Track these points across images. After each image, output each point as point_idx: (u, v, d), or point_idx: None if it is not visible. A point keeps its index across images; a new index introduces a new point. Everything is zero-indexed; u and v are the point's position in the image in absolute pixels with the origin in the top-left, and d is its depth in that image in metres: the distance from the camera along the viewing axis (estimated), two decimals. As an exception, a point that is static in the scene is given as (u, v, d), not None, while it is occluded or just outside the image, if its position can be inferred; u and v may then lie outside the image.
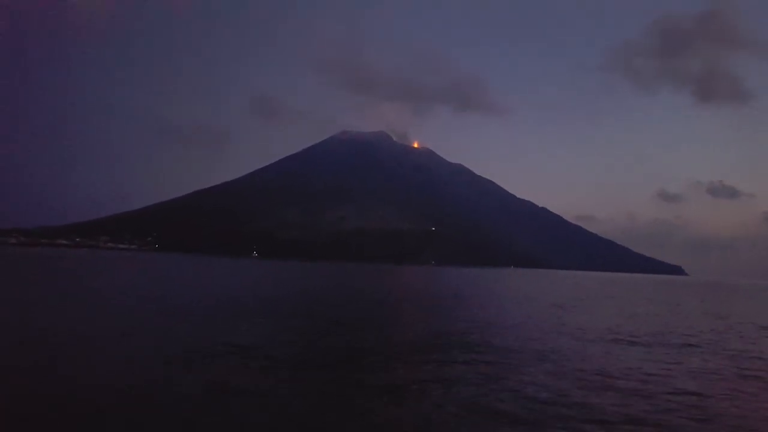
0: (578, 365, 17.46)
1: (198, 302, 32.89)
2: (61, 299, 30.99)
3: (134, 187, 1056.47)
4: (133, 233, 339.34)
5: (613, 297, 64.29)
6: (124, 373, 13.83)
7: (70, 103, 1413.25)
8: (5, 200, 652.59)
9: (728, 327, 33.06)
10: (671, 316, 39.62)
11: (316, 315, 29.60)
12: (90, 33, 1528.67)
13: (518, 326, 27.60)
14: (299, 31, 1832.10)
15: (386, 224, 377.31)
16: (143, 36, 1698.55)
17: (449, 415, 11.47)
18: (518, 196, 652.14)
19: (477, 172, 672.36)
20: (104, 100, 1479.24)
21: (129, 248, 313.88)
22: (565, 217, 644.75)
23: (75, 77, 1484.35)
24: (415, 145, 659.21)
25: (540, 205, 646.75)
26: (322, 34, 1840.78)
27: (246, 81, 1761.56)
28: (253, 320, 25.45)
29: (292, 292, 47.05)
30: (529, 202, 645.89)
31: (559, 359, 18.50)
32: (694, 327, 31.69)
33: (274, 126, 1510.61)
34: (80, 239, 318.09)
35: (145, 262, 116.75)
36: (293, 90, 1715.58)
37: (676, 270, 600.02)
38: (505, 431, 10.76)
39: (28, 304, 27.17)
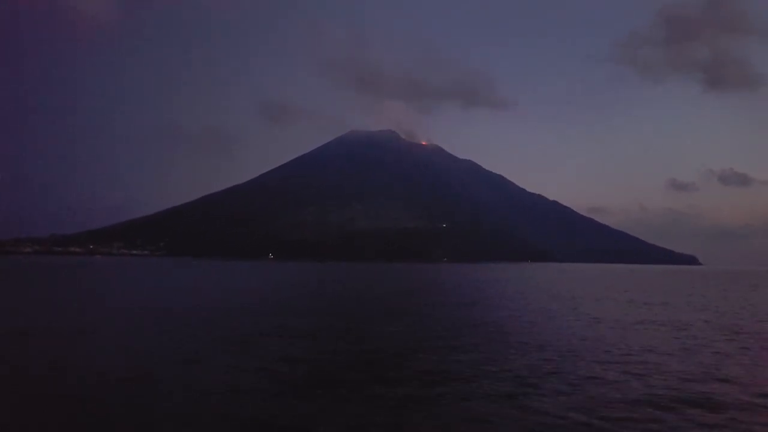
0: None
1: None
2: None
3: (145, 192, 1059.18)
4: (145, 239, 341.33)
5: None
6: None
7: (80, 111, 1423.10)
8: (19, 210, 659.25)
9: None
10: None
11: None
12: (96, 39, 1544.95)
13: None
14: (304, 32, 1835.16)
15: (397, 223, 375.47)
16: (150, 42, 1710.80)
17: None
18: (529, 190, 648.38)
19: (486, 167, 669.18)
20: (113, 106, 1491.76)
21: (141, 254, 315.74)
22: (576, 210, 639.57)
23: (83, 85, 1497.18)
24: (424, 143, 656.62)
25: (551, 199, 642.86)
26: (327, 34, 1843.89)
27: (254, 84, 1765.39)
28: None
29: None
30: (539, 196, 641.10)
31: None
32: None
33: (283, 128, 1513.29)
34: (93, 246, 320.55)
35: (164, 268, 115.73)
36: (301, 91, 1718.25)
37: (691, 260, 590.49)
38: None
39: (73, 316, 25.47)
